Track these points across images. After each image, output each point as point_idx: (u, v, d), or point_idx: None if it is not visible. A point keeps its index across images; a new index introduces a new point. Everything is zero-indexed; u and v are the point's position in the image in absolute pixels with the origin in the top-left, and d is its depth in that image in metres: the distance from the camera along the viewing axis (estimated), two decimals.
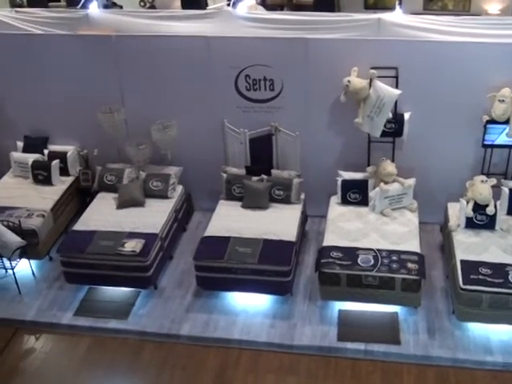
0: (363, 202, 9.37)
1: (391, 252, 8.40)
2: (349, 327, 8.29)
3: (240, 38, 9.44)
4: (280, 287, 8.56)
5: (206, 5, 12.02)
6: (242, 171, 9.83)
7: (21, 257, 9.37)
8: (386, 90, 8.85)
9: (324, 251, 8.53)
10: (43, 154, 10.60)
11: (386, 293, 8.17)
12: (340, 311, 8.52)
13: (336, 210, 9.37)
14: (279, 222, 9.12)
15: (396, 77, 8.99)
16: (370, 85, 8.92)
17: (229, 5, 10.93)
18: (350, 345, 8.07)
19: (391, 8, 11.00)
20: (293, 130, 9.54)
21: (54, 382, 8.01)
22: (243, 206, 9.53)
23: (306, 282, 9.09)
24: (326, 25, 9.49)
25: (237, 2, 10.78)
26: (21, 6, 14.58)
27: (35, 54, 10.06)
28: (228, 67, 9.53)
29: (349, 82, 8.94)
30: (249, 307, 8.74)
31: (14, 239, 9.17)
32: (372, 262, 8.24)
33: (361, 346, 8.04)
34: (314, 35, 9.27)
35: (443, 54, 8.88)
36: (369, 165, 9.64)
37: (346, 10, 13.06)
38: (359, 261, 8.26)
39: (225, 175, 9.77)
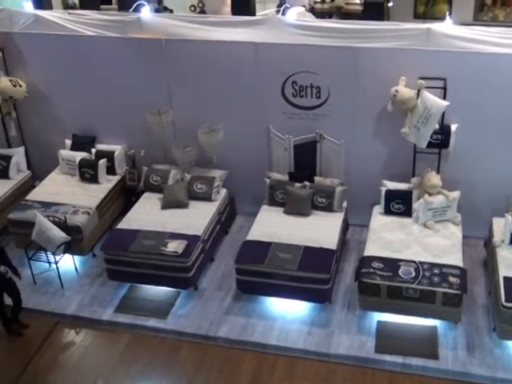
0: (406, 212, 9.13)
1: (433, 265, 8.16)
2: (387, 339, 8.07)
3: (288, 44, 9.32)
4: (319, 295, 8.39)
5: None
6: (286, 177, 9.71)
7: (65, 252, 9.43)
8: (434, 101, 8.62)
9: (365, 261, 8.33)
10: (91, 152, 10.66)
11: (426, 306, 7.93)
12: (379, 322, 8.31)
13: (378, 220, 9.16)
14: (320, 230, 8.97)
15: (444, 88, 8.76)
16: (418, 95, 8.69)
17: (278, 12, 10.85)
18: (387, 357, 7.86)
19: (441, 18, 10.78)
20: (338, 137, 9.38)
21: (91, 376, 8.00)
22: (285, 212, 9.40)
23: (345, 291, 8.91)
24: (375, 34, 9.30)
25: (286, 9, 10.70)
26: (73, 7, 14.76)
27: (86, 55, 10.15)
28: (275, 73, 9.42)
29: (396, 91, 8.74)
30: (287, 313, 8.60)
31: (59, 234, 9.25)
32: (413, 274, 8.01)
33: (398, 359, 7.82)
34: (362, 44, 9.09)
35: (493, 65, 8.61)
36: (413, 175, 9.40)
37: (395, 19, 12.81)
38: (400, 272, 8.04)
39: (268, 180, 9.66)
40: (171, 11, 14.23)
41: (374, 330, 8.23)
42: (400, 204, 9.16)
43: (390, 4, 14.69)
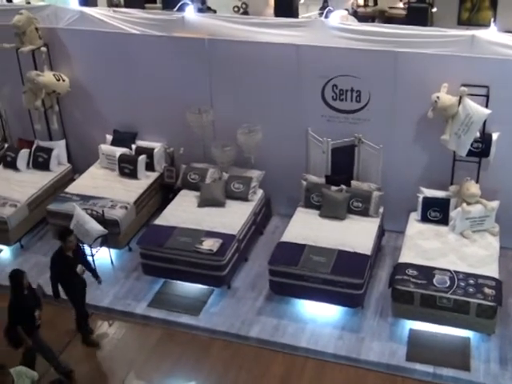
0: (443, 221, 8.95)
1: (468, 275, 7.98)
2: (418, 348, 7.92)
3: (330, 48, 9.21)
4: (351, 299, 8.29)
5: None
6: (322, 180, 9.61)
7: (101, 245, 9.50)
8: (476, 109, 8.43)
9: (399, 268, 8.19)
10: (131, 148, 10.72)
11: (460, 317, 7.75)
12: (411, 330, 8.17)
13: (415, 227, 9.00)
14: (355, 234, 8.85)
15: (487, 96, 8.55)
16: (460, 102, 8.51)
17: (321, 14, 10.72)
18: (418, 366, 7.71)
19: (485, 25, 10.53)
20: (376, 142, 9.24)
21: (123, 368, 8.02)
22: (321, 215, 9.30)
23: (378, 297, 8.77)
24: (418, 39, 9.12)
25: (329, 12, 10.58)
26: (118, 5, 14.84)
27: (130, 52, 10.22)
28: (316, 76, 9.33)
29: (438, 98, 8.58)
30: (318, 316, 8.51)
31: (97, 228, 9.31)
32: (448, 283, 7.85)
33: (429, 369, 7.67)
34: (404, 49, 8.93)
35: None
36: (452, 184, 9.21)
37: (439, 25, 12.58)
38: (435, 281, 7.89)
39: (305, 183, 9.57)
40: (214, 11, 14.20)
41: (405, 337, 8.08)
42: (437, 212, 8.98)
43: (434, 9, 14.42)
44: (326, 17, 10.20)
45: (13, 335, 7.43)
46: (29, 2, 12.37)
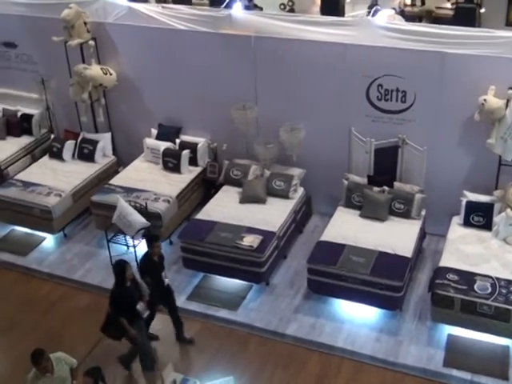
0: (487, 226, 8.75)
1: (510, 282, 7.78)
2: (456, 354, 7.77)
3: (377, 47, 9.07)
4: (390, 302, 8.17)
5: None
6: (364, 180, 9.49)
7: (143, 237, 9.52)
8: None
9: (440, 272, 8.04)
10: (175, 143, 10.76)
11: (500, 324, 7.58)
12: (449, 336, 8.02)
13: (457, 231, 8.82)
14: (396, 236, 8.72)
15: None
16: (507, 105, 8.31)
17: (369, 13, 10.58)
18: (455, 372, 7.57)
19: None
20: (420, 144, 9.09)
21: (161, 359, 8.04)
22: (361, 216, 9.19)
23: (417, 300, 8.63)
24: (465, 39, 8.91)
25: (376, 11, 10.43)
26: (166, 1, 14.89)
27: (177, 48, 10.25)
28: (361, 75, 9.20)
29: (485, 100, 8.38)
30: (356, 317, 8.42)
31: (139, 220, 9.37)
32: (489, 290, 7.67)
33: (467, 376, 7.52)
34: (451, 49, 8.74)
35: None
36: (497, 188, 9.00)
37: (486, 26, 12.29)
38: (476, 287, 7.72)
39: (346, 182, 9.47)
40: (261, 9, 14.12)
41: (443, 343, 7.94)
42: (480, 216, 8.78)
43: (482, 10, 14.09)
44: (373, 16, 10.07)
45: (114, 327, 7.45)
46: None
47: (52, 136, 11.76)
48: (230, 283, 9.10)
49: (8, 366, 8.27)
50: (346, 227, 8.96)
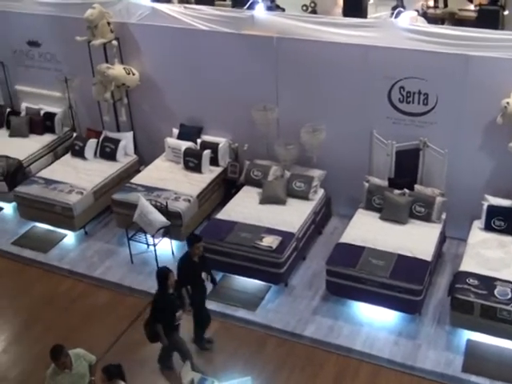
0: (508, 230, 8.64)
1: None
2: (475, 359, 7.68)
3: (399, 49, 9.00)
4: (409, 305, 8.10)
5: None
6: (385, 183, 9.42)
7: (163, 236, 9.61)
8: None
9: (460, 276, 7.95)
10: (196, 142, 10.77)
11: None
12: (468, 341, 7.93)
13: (478, 236, 8.72)
14: (416, 239, 8.65)
15: None
16: None
17: (391, 15, 10.48)
18: (474, 378, 7.48)
19: None
20: (442, 146, 9.00)
21: (178, 357, 8.00)
22: (381, 218, 9.13)
23: (436, 304, 8.56)
24: (488, 42, 8.81)
25: (399, 13, 10.33)
26: (188, 1, 14.90)
27: (199, 48, 10.26)
28: (383, 77, 9.14)
29: (507, 103, 8.29)
30: (374, 320, 8.37)
31: (160, 218, 9.40)
32: (510, 295, 7.57)
33: (485, 382, 7.44)
34: (474, 52, 8.64)
35: None
36: None
37: (511, 28, 12.14)
38: (496, 292, 7.62)
39: (367, 184, 9.41)
40: (283, 10, 14.08)
41: (462, 348, 7.86)
42: (502, 221, 8.67)
43: (506, 12, 13.91)
44: (396, 17, 9.98)
45: (151, 330, 7.45)
46: None
47: (74, 134, 11.84)
48: (248, 283, 9.09)
49: (29, 360, 8.33)
50: (366, 229, 8.90)
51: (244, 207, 9.57)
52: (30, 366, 8.23)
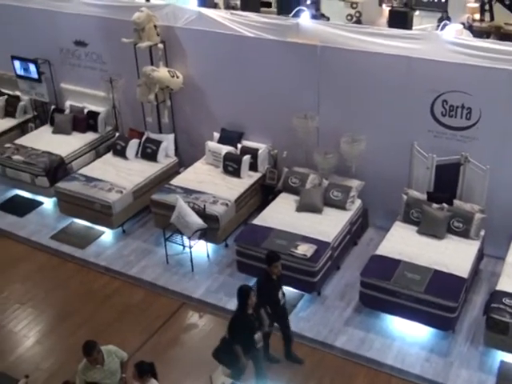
0: None
1: None
2: (508, 382, 7.45)
3: (443, 62, 8.82)
4: (443, 322, 7.93)
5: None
6: (424, 196, 9.25)
7: (200, 238, 9.61)
8: None
9: (496, 295, 7.74)
10: (236, 147, 10.76)
11: None
12: (502, 362, 7.71)
13: None
14: (453, 255, 8.46)
15: None
16: None
17: (437, 27, 10.33)
18: None
19: None
20: (483, 162, 8.80)
21: (208, 360, 7.97)
22: (419, 232, 8.96)
23: (470, 323, 8.36)
24: None
25: (445, 26, 10.18)
26: (234, 8, 14.95)
27: (243, 54, 10.26)
28: (426, 90, 8.98)
29: None
30: (407, 335, 8.21)
31: (197, 221, 9.41)
32: None
33: None
34: None
35: None
36: None
37: None
38: None
39: (405, 197, 9.25)
40: (328, 19, 14.04)
41: (495, 369, 7.65)
42: None
43: None
44: (442, 30, 9.83)
45: (227, 349, 7.12)
46: (149, 0, 12.68)
47: (117, 134, 11.94)
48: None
49: (61, 353, 8.43)
50: (403, 242, 8.75)
51: (280, 214, 9.51)
52: (62, 358, 8.32)
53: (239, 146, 10.76)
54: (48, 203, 11.41)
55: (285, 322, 7.92)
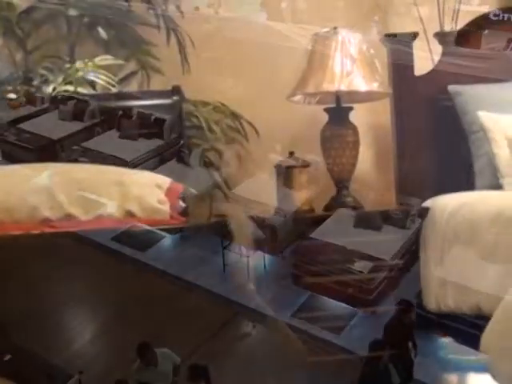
0: None
1: None
2: None
3: None
4: None
5: None
6: None
7: (258, 249, 9.55)
8: None
9: None
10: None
11: None
12: None
13: None
14: None
15: None
16: None
17: (507, 47, 10.07)
18: None
19: None
20: None
21: (261, 372, 7.96)
22: None
23: None
24: None
25: None
26: None
27: None
28: None
29: None
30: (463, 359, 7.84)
31: (255, 231, 9.38)
32: None
33: None
34: None
35: None
36: None
37: None
38: None
39: None
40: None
41: None
42: None
43: None
44: None
45: None
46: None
47: (181, 142, 12.05)
48: (335, 305, 8.85)
49: (113, 353, 8.48)
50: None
51: (338, 229, 9.43)
52: (113, 358, 8.36)
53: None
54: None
55: (409, 378, 6.93)
